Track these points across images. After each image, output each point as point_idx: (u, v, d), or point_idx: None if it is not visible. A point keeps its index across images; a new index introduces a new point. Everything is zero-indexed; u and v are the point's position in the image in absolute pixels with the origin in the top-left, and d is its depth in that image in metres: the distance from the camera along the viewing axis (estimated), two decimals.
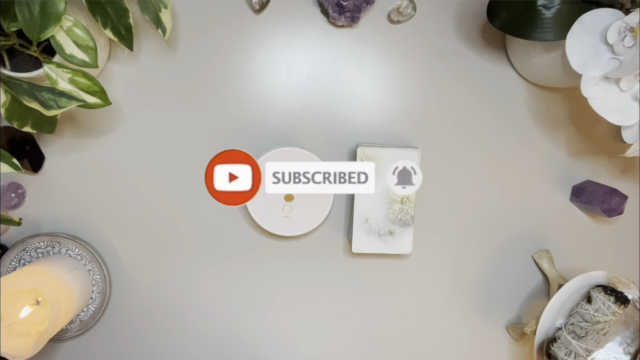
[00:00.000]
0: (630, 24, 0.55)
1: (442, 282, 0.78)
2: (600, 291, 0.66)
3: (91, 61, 0.57)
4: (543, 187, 0.78)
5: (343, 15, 0.70)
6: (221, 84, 0.72)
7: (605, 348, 0.69)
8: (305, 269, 0.77)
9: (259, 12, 0.72)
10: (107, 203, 0.73)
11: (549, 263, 0.77)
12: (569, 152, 0.77)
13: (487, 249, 0.78)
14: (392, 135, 0.75)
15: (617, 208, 0.72)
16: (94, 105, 0.59)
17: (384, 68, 0.74)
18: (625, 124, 0.59)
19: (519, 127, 0.76)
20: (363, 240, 0.70)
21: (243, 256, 0.76)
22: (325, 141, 0.74)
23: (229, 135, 0.73)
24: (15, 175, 0.71)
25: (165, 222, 0.74)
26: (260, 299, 0.77)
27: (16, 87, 0.55)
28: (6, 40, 0.57)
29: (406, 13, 0.72)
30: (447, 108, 0.75)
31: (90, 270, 0.72)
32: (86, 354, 0.75)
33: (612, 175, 0.78)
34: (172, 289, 0.75)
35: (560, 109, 0.76)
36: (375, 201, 0.69)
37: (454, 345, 0.80)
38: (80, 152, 0.72)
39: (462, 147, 0.76)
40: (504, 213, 0.78)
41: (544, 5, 0.59)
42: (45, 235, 0.70)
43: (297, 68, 0.73)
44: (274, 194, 0.68)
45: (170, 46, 0.71)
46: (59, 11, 0.53)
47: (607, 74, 0.57)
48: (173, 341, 0.76)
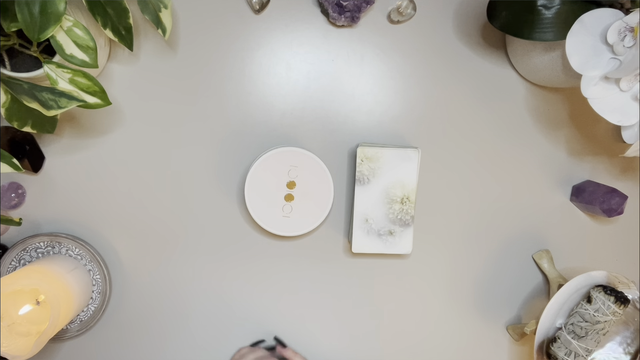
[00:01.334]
0: (630, 24, 0.55)
1: (442, 282, 0.78)
2: (600, 291, 0.66)
3: (91, 61, 0.57)
4: (543, 187, 0.78)
5: (343, 15, 0.70)
6: (221, 83, 0.72)
7: (605, 348, 0.69)
8: (305, 269, 0.77)
9: (259, 12, 0.72)
10: (107, 203, 0.73)
11: (549, 263, 0.77)
12: (569, 152, 0.77)
13: (487, 249, 0.78)
14: (392, 135, 0.75)
15: (617, 208, 0.72)
16: (94, 105, 0.59)
17: (384, 68, 0.74)
18: (625, 124, 0.59)
19: (519, 127, 0.76)
20: (363, 240, 0.70)
21: (243, 256, 0.76)
22: (325, 141, 0.74)
23: (229, 135, 0.73)
24: (15, 175, 0.71)
25: (166, 222, 0.74)
26: (260, 298, 0.77)
27: (16, 87, 0.55)
28: (6, 40, 0.57)
29: (406, 13, 0.72)
30: (447, 108, 0.75)
31: (90, 270, 0.72)
32: (86, 354, 0.75)
33: (612, 175, 0.78)
34: (172, 289, 0.75)
35: (560, 109, 0.76)
36: (375, 201, 0.69)
37: (454, 345, 0.80)
38: (80, 152, 0.72)
39: (462, 147, 0.76)
40: (503, 213, 0.78)
41: (544, 5, 0.59)
42: (45, 235, 0.70)
43: (297, 68, 0.73)
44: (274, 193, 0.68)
45: (170, 46, 0.71)
46: (59, 11, 0.53)
47: (607, 74, 0.57)
48: (173, 341, 0.76)
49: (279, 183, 0.68)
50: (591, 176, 0.78)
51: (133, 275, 0.75)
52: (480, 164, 0.76)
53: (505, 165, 0.77)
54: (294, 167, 0.67)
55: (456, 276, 0.78)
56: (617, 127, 0.60)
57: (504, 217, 0.78)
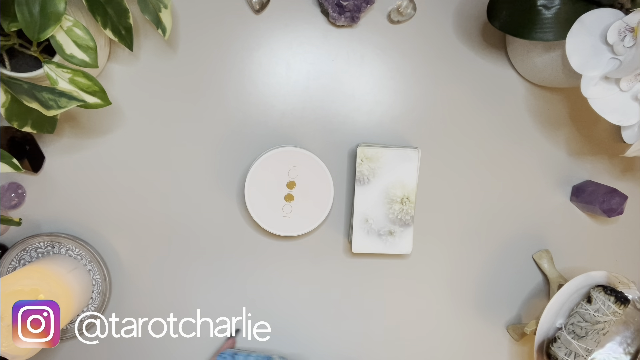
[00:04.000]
0: (630, 24, 0.55)
1: (442, 282, 0.78)
2: (600, 291, 0.66)
3: (91, 61, 0.57)
4: (543, 187, 0.78)
5: (343, 15, 0.70)
6: (221, 84, 0.72)
7: (605, 348, 0.69)
8: (305, 269, 0.77)
9: (259, 12, 0.72)
10: (107, 203, 0.73)
11: (549, 263, 0.77)
12: (569, 152, 0.77)
13: (487, 249, 0.78)
14: (392, 135, 0.75)
15: (617, 208, 0.72)
16: (94, 105, 0.59)
17: (384, 68, 0.74)
18: (625, 124, 0.59)
19: (519, 127, 0.76)
20: (363, 240, 0.70)
21: (243, 256, 0.76)
22: (325, 141, 0.74)
23: (229, 135, 0.73)
24: (15, 175, 0.71)
25: (166, 222, 0.74)
26: (260, 298, 0.77)
27: (16, 87, 0.55)
28: (6, 40, 0.57)
29: (406, 13, 0.72)
30: (447, 108, 0.75)
31: (90, 270, 0.72)
32: (86, 354, 0.75)
33: (612, 175, 0.78)
34: (171, 289, 0.75)
35: (560, 109, 0.76)
36: (375, 201, 0.69)
37: (454, 345, 0.80)
38: (80, 152, 0.72)
39: (462, 147, 0.76)
40: (503, 213, 0.78)
41: (544, 5, 0.59)
42: (45, 235, 0.70)
43: (297, 68, 0.73)
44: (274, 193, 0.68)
45: (170, 46, 0.71)
46: (59, 11, 0.53)
47: (607, 74, 0.57)
48: (173, 341, 0.76)
49: (279, 183, 0.68)
50: (591, 176, 0.78)
51: (133, 275, 0.75)
52: (480, 164, 0.76)
53: (505, 166, 0.77)
54: (294, 167, 0.67)
55: (456, 276, 0.78)
56: (617, 127, 0.60)
57: (504, 217, 0.78)
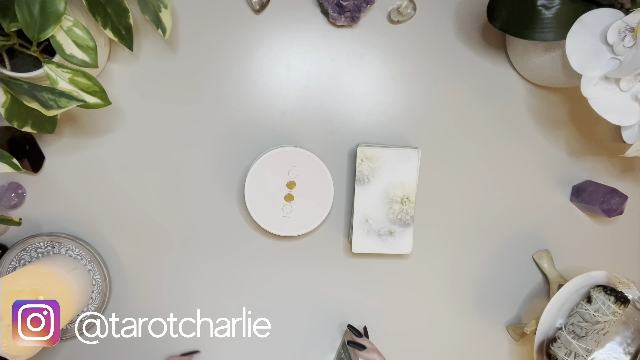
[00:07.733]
0: (630, 24, 0.55)
1: (442, 282, 0.78)
2: (600, 291, 0.66)
3: (91, 61, 0.57)
4: (543, 187, 0.78)
5: (343, 15, 0.70)
6: (221, 84, 0.72)
7: (605, 348, 0.69)
8: (305, 269, 0.77)
9: (259, 12, 0.72)
10: (107, 203, 0.73)
11: (549, 263, 0.77)
12: (569, 152, 0.77)
13: (487, 249, 0.78)
14: (392, 135, 0.75)
15: (617, 208, 0.72)
16: (94, 105, 0.59)
17: (384, 68, 0.74)
18: (625, 124, 0.59)
19: (519, 127, 0.76)
20: (363, 240, 0.70)
21: (243, 256, 0.76)
22: (325, 141, 0.74)
23: (229, 135, 0.73)
24: (15, 175, 0.71)
25: (166, 222, 0.74)
26: (260, 298, 0.77)
27: (16, 87, 0.55)
28: (6, 40, 0.57)
29: (406, 13, 0.72)
30: (447, 108, 0.75)
31: (90, 270, 0.72)
32: (86, 354, 0.75)
33: (612, 175, 0.78)
34: (172, 289, 0.75)
35: (560, 109, 0.76)
36: (375, 201, 0.69)
37: (454, 345, 0.80)
38: (80, 152, 0.72)
39: (462, 147, 0.76)
40: (503, 213, 0.78)
41: (544, 5, 0.59)
42: (45, 235, 0.70)
43: (297, 68, 0.73)
44: (274, 193, 0.68)
45: (170, 46, 0.71)
46: (59, 11, 0.53)
47: (607, 74, 0.57)
48: (173, 341, 0.76)
49: (279, 183, 0.68)
50: (591, 176, 0.78)
51: (133, 275, 0.75)
52: (480, 164, 0.76)
53: (505, 166, 0.77)
54: (294, 167, 0.67)
55: (456, 276, 0.78)
56: (617, 127, 0.60)
57: (504, 217, 0.78)
